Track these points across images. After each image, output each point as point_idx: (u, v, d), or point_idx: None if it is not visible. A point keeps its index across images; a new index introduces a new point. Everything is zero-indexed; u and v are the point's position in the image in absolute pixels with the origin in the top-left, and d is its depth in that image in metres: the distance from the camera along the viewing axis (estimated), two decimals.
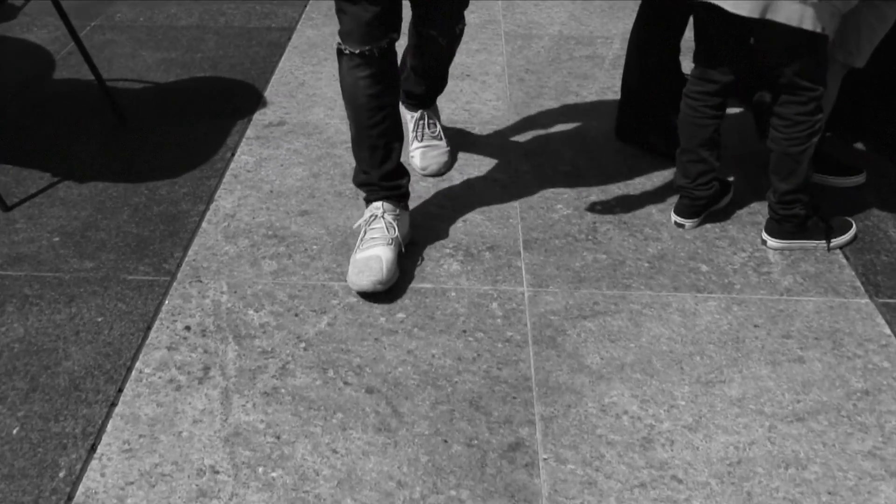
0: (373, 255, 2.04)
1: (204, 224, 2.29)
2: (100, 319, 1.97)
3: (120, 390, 1.78)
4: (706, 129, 2.18)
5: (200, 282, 2.08)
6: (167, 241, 2.22)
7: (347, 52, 1.99)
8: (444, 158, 2.55)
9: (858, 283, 2.13)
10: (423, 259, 2.18)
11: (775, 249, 2.24)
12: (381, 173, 2.13)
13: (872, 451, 1.68)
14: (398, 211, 2.16)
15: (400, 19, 2.02)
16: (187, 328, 1.94)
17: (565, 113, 2.86)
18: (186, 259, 2.16)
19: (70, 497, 1.56)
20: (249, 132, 2.71)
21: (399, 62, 2.30)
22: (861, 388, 1.83)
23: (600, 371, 1.85)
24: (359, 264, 2.02)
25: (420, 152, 2.54)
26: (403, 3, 2.04)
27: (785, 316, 2.02)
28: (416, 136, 2.57)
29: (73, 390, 1.78)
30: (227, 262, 2.15)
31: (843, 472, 1.64)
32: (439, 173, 2.53)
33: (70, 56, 3.19)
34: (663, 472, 1.63)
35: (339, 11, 1.97)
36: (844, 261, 2.20)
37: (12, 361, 1.85)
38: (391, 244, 2.08)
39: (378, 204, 2.14)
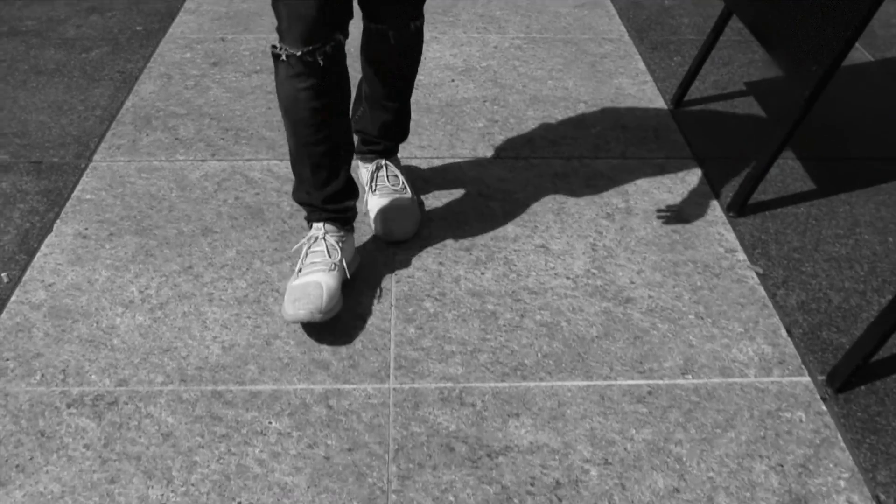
0: (311, 280, 1.88)
1: None
2: None
3: None
4: None
5: None
6: None
7: (284, 55, 1.74)
8: (412, 220, 2.16)
9: None
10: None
11: None
12: (324, 195, 1.94)
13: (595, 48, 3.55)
14: (343, 233, 1.98)
15: (348, 17, 1.78)
16: None
17: None
18: None
19: None
20: None
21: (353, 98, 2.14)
22: (580, 11, 3.71)
23: None
24: (295, 291, 1.86)
25: (380, 213, 2.15)
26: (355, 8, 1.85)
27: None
28: (372, 189, 2.19)
29: None
30: None
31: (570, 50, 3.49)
32: (405, 239, 2.15)
33: None
34: (485, 17, 3.50)
35: (275, 3, 1.70)
36: None
37: None
38: (334, 269, 1.92)
39: (319, 225, 1.97)
